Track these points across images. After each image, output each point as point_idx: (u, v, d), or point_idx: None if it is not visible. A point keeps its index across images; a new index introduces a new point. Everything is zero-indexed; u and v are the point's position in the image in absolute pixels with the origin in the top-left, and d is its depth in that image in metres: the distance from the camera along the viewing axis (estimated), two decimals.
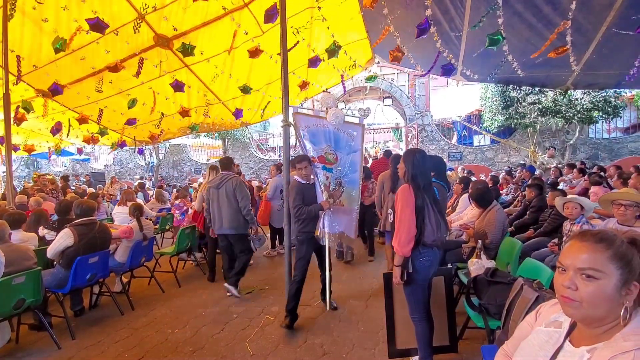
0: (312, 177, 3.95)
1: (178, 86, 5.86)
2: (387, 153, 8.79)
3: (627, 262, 0.99)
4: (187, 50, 4.95)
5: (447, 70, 5.85)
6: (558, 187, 6.12)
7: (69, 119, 7.33)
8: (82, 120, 7.01)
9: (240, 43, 5.46)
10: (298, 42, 5.51)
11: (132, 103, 6.34)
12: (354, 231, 4.17)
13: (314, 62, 5.92)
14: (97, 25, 4.26)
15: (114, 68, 5.17)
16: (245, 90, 6.17)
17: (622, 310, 0.99)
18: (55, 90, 5.61)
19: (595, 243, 1.02)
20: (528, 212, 5.38)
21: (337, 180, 4.00)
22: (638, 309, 1.00)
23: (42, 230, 4.67)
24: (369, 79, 7.58)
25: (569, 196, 4.19)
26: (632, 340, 0.93)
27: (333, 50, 5.46)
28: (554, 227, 4.59)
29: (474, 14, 4.55)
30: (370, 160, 10.71)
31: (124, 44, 5.12)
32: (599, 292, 0.99)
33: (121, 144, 9.10)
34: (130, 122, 7.39)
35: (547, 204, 5.04)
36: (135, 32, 4.76)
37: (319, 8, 5.07)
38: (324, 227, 3.82)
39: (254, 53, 5.25)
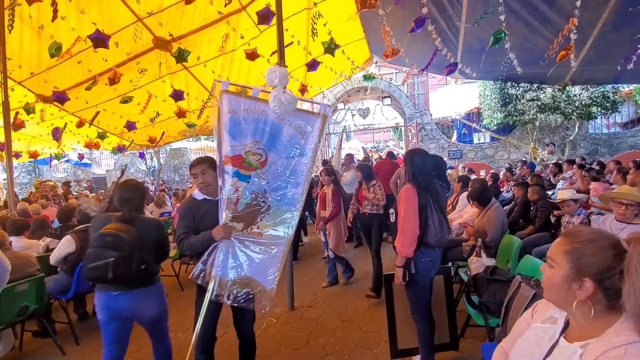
0: (219, 187, 2.54)
1: (177, 95, 5.90)
2: (391, 154, 9.09)
3: (576, 258, 1.05)
4: (182, 57, 4.99)
5: (451, 70, 5.87)
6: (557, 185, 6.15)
7: (66, 123, 7.37)
8: (80, 124, 7.04)
9: (237, 46, 5.49)
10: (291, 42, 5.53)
11: (126, 101, 6.34)
12: (273, 280, 2.51)
13: (312, 65, 5.95)
14: (99, 40, 4.30)
15: (113, 80, 5.20)
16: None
17: (575, 304, 1.06)
18: (60, 98, 5.64)
19: (563, 237, 1.13)
20: (515, 208, 5.52)
21: (256, 194, 2.52)
22: (620, 306, 1.02)
23: (44, 240, 4.69)
24: (366, 78, 7.59)
25: (559, 198, 4.22)
26: (623, 335, 0.95)
27: (330, 48, 5.46)
28: (546, 219, 4.70)
29: (471, 12, 4.58)
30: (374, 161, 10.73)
31: (124, 53, 5.16)
32: (550, 279, 1.12)
33: (121, 148, 9.14)
34: (130, 126, 7.42)
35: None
36: (135, 40, 4.79)
37: (315, 4, 5.07)
38: (206, 264, 2.38)
39: (251, 55, 5.27)
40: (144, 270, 2.35)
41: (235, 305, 2.44)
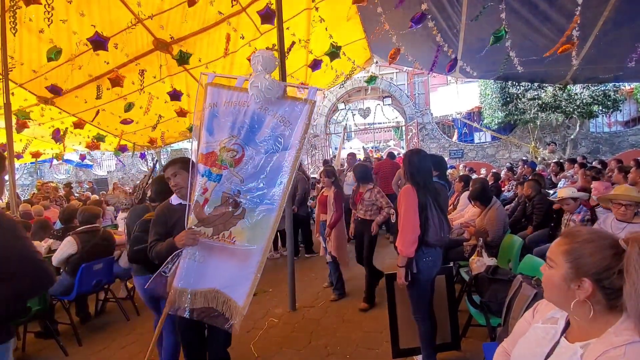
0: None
1: (176, 95, 5.91)
2: (391, 155, 9.15)
3: (575, 258, 1.05)
4: (183, 59, 4.99)
5: (452, 66, 5.87)
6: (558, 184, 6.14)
7: (67, 128, 7.38)
8: (79, 125, 7.05)
9: (238, 47, 5.49)
10: (294, 42, 5.53)
11: (129, 107, 6.38)
12: (245, 295, 2.19)
13: (314, 65, 5.96)
14: (98, 42, 4.31)
15: (116, 81, 5.21)
16: None
17: (573, 304, 1.06)
18: (54, 89, 5.61)
19: (562, 237, 1.13)
20: (519, 207, 5.47)
21: (229, 195, 2.22)
22: (620, 306, 1.02)
23: (46, 241, 4.70)
24: (369, 81, 7.57)
25: (558, 196, 4.22)
26: (623, 336, 0.95)
27: (333, 53, 5.47)
28: (544, 215, 4.68)
29: (471, 11, 4.57)
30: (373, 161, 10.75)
31: (124, 54, 5.16)
32: (549, 279, 1.13)
33: (122, 148, 9.15)
34: (127, 122, 7.43)
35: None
36: (130, 32, 4.76)
37: (317, 9, 5.08)
38: (167, 273, 2.17)
39: None
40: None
41: (199, 320, 2.20)
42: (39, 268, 1.58)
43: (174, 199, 2.39)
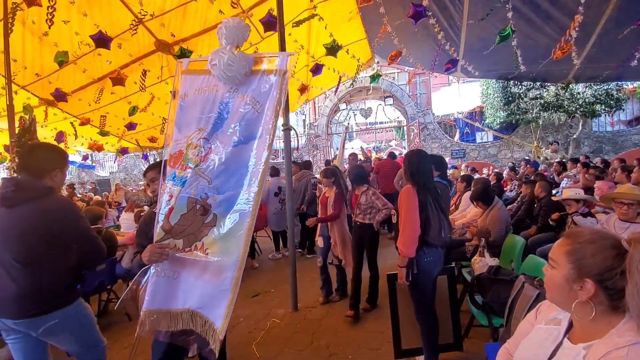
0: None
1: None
2: (392, 155, 9.18)
3: (577, 259, 1.05)
4: (184, 55, 4.99)
5: (449, 68, 5.86)
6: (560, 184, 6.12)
7: (72, 122, 7.40)
8: (84, 122, 7.08)
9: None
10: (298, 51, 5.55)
11: (133, 111, 6.41)
12: (222, 317, 1.78)
13: (316, 69, 5.96)
14: (101, 40, 4.32)
15: (119, 80, 5.21)
16: None
17: (576, 305, 1.06)
18: (58, 96, 5.64)
19: (564, 238, 1.13)
20: (522, 207, 5.45)
21: (196, 200, 1.88)
22: (622, 306, 1.02)
23: None
24: (373, 78, 7.53)
25: (563, 196, 4.20)
26: (626, 337, 0.95)
27: (333, 48, 5.45)
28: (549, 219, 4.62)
29: (473, 10, 4.56)
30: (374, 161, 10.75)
31: (126, 55, 5.17)
32: (551, 279, 1.13)
33: (123, 150, 9.18)
34: (131, 126, 7.47)
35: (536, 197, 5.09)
36: (133, 34, 4.76)
37: (315, 7, 5.07)
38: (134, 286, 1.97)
39: None
40: None
41: (174, 343, 1.94)
42: (94, 243, 2.08)
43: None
